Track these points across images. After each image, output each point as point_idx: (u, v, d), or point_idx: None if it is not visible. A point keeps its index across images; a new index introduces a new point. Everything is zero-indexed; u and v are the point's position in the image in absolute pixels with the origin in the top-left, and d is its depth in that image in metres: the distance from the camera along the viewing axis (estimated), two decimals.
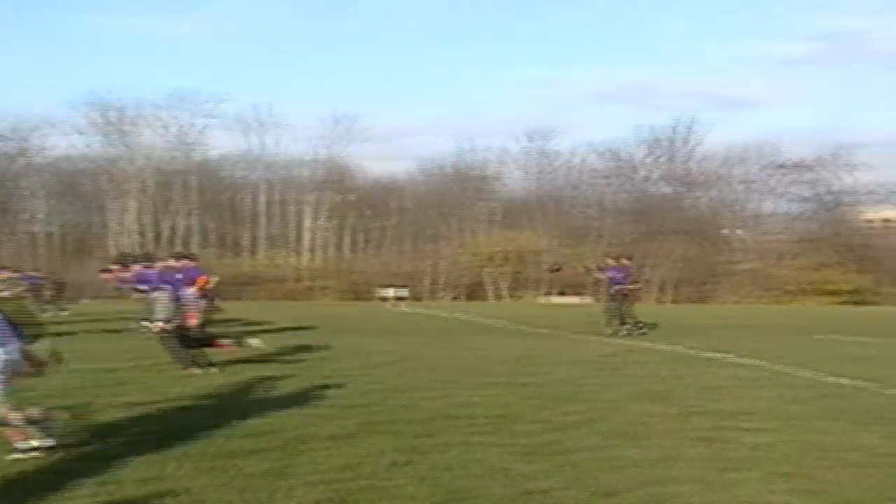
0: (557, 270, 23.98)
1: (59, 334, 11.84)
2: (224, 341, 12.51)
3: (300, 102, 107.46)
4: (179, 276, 12.69)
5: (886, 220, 76.59)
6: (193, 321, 12.34)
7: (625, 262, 22.82)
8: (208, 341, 12.34)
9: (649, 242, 57.25)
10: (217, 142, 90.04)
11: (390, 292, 45.20)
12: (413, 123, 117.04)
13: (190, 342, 11.98)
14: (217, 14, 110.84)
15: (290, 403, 8.72)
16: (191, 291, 12.62)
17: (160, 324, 11.68)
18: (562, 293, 57.74)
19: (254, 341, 12.97)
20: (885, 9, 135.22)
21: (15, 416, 6.30)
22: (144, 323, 14.25)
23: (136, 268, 13.76)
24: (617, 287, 21.40)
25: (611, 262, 22.67)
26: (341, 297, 53.69)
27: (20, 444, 6.35)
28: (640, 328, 20.87)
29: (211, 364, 11.73)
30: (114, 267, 15.11)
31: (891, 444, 7.15)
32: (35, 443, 6.36)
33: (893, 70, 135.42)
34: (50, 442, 6.40)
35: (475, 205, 64.27)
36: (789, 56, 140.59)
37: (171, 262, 13.54)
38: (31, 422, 6.39)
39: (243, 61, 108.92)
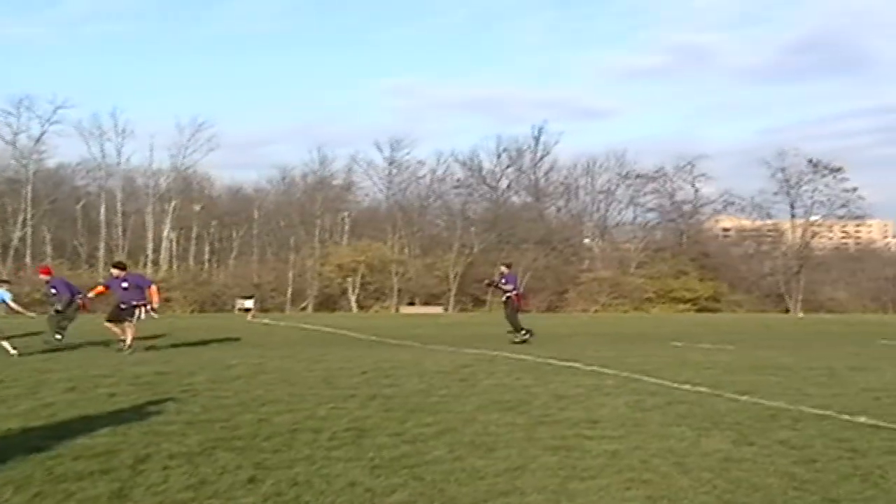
0: (490, 284, 25.00)
1: None
2: None
3: (151, 110, 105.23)
4: None
5: (726, 230, 79.98)
6: None
7: (504, 269, 23.62)
8: None
9: (501, 252, 58.02)
10: (59, 149, 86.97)
11: (249, 304, 44.52)
12: (270, 132, 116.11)
13: None
14: (62, 17, 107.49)
15: (130, 420, 8.36)
16: None
17: None
18: (411, 303, 57.97)
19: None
20: (733, 24, 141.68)
21: None
22: None
23: None
24: (515, 293, 22.09)
25: (505, 269, 23.34)
26: (195, 308, 52.48)
27: None
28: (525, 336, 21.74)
29: None
30: None
31: (737, 449, 7.34)
32: None
33: (738, 83, 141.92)
34: None
35: (330, 214, 63.87)
36: (641, 68, 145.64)
37: None
38: None
39: (89, 67, 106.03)
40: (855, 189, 68.26)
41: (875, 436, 8.00)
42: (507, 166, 71.81)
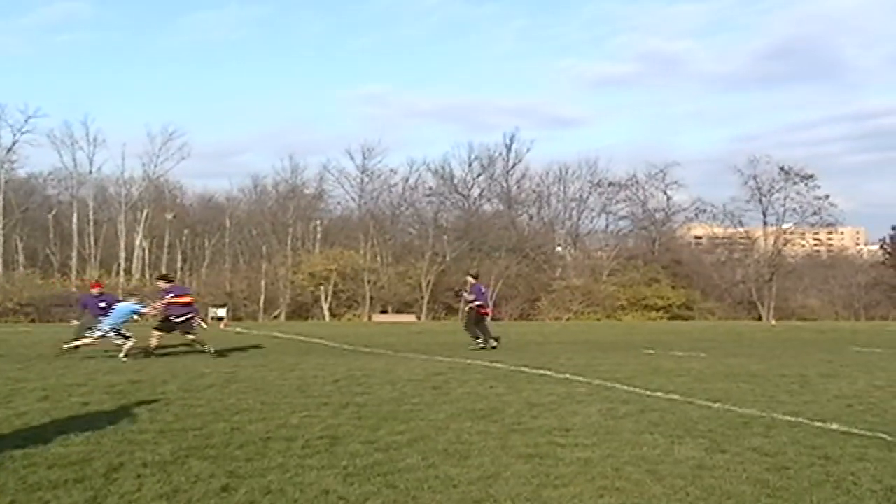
0: (459, 293, 25.37)
1: None
2: None
3: (122, 119, 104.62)
4: None
5: (698, 238, 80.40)
6: None
7: (471, 279, 23.82)
8: None
9: (473, 260, 57.99)
10: (30, 159, 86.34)
11: (222, 312, 44.22)
12: (241, 140, 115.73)
13: None
14: (33, 26, 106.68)
15: (104, 429, 8.31)
16: None
17: None
18: (384, 311, 57.86)
19: None
20: (704, 31, 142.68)
21: None
22: None
23: None
24: (479, 303, 22.23)
25: (471, 280, 23.49)
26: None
27: None
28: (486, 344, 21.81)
29: None
30: None
31: (710, 456, 7.37)
32: None
33: (709, 90, 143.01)
34: None
35: (302, 223, 63.62)
36: (613, 76, 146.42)
37: None
38: None
39: (60, 76, 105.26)
40: (827, 196, 68.78)
41: (847, 443, 8.07)
42: (479, 174, 71.96)
